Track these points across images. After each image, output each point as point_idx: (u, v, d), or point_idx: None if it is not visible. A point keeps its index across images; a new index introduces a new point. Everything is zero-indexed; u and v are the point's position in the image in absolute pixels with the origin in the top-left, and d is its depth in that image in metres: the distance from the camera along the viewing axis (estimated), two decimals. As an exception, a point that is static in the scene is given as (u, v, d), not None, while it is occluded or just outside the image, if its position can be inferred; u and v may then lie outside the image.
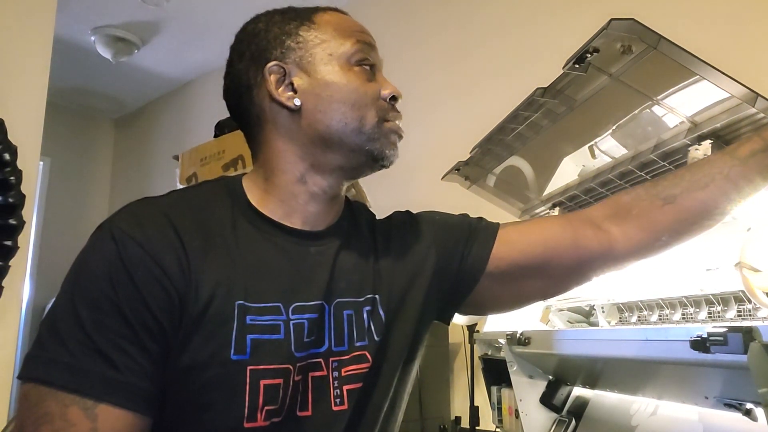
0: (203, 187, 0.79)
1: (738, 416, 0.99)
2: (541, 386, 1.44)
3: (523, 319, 1.57)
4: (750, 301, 1.03)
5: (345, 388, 0.75)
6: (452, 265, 0.86)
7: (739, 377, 0.86)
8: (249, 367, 0.67)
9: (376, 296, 0.80)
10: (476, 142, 1.45)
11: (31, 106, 2.18)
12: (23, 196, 2.03)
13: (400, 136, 0.80)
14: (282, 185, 0.77)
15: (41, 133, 2.21)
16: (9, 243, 2.00)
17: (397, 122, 0.79)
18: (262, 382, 0.68)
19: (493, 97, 2.24)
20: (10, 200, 1.99)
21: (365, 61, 0.79)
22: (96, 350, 0.63)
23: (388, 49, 3.05)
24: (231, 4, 3.01)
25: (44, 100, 2.23)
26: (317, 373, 0.74)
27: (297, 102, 0.75)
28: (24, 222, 2.04)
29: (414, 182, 2.42)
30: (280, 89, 0.76)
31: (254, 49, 0.79)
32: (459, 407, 2.09)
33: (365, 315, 0.78)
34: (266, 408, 0.68)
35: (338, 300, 0.77)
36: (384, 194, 2.37)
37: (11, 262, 2.02)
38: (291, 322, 0.72)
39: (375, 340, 0.78)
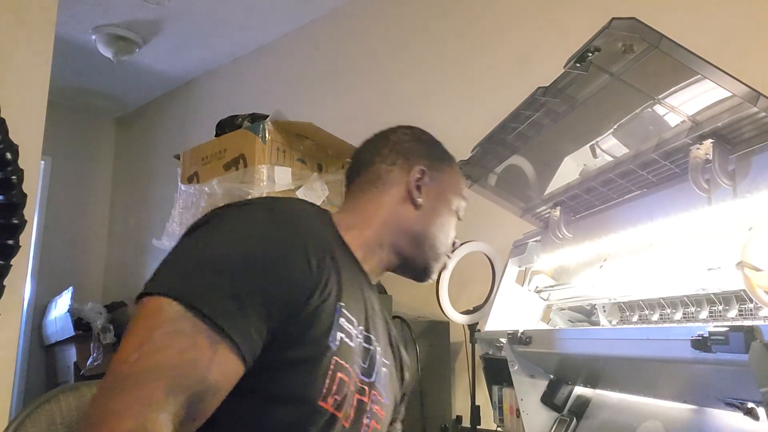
0: (306, 204, 0.96)
1: (739, 415, 0.99)
2: (542, 385, 1.44)
3: (525, 318, 1.57)
4: (751, 301, 1.03)
5: (372, 423, 0.87)
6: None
7: (741, 376, 0.86)
8: (335, 357, 0.79)
9: (391, 366, 0.97)
10: (477, 141, 1.45)
11: (32, 105, 2.18)
12: (25, 195, 2.03)
13: (444, 268, 1.08)
14: (369, 237, 0.97)
15: (42, 132, 2.21)
16: (11, 242, 2.00)
17: (445, 262, 1.05)
18: (338, 374, 0.80)
19: (495, 96, 2.24)
20: (12, 199, 1.99)
21: (461, 213, 1.07)
22: (237, 297, 0.71)
23: (389, 48, 3.06)
24: (231, 3, 3.01)
25: (45, 99, 2.23)
26: (361, 397, 0.85)
27: (420, 201, 0.99)
28: (26, 221, 2.04)
29: (415, 181, 2.42)
30: (415, 186, 0.99)
31: (414, 147, 1.04)
32: (460, 406, 2.09)
33: (386, 374, 0.94)
34: (335, 396, 0.79)
35: (379, 349, 0.92)
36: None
37: (13, 261, 2.02)
38: (358, 339, 0.86)
39: (387, 403, 0.93)
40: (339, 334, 0.81)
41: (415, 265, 1.02)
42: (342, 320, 0.82)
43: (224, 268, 0.72)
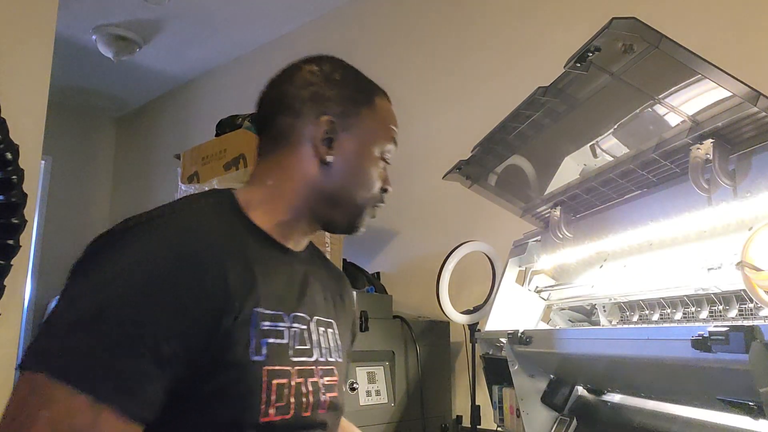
0: (202, 202, 0.83)
1: (739, 415, 0.99)
2: (542, 385, 1.44)
3: (525, 318, 1.57)
4: (751, 300, 1.02)
5: (328, 395, 0.85)
6: None
7: (741, 376, 0.86)
8: (265, 368, 0.75)
9: (334, 322, 0.94)
10: (477, 141, 1.45)
11: (32, 105, 2.18)
12: (25, 195, 2.03)
13: (373, 217, 0.93)
14: (282, 212, 0.86)
15: (43, 132, 2.21)
16: (11, 242, 2.00)
17: (376, 211, 0.93)
18: (274, 382, 0.76)
19: (495, 95, 2.24)
20: (12, 199, 1.99)
21: (387, 157, 0.92)
22: (114, 352, 0.64)
23: (389, 48, 3.05)
24: (231, 3, 3.00)
25: (46, 99, 2.23)
26: (313, 379, 0.83)
27: (330, 159, 0.86)
28: (26, 221, 2.04)
29: (415, 181, 2.42)
30: (323, 141, 0.86)
31: (321, 91, 0.88)
32: (460, 406, 2.09)
33: (330, 335, 0.91)
34: (277, 405, 0.76)
35: (317, 317, 0.89)
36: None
37: (13, 261, 2.02)
38: (291, 329, 0.82)
39: (339, 361, 0.91)
40: (264, 342, 0.76)
41: (337, 225, 0.91)
42: (264, 324, 0.77)
43: (103, 320, 0.65)
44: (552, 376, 1.44)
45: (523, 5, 2.31)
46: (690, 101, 1.10)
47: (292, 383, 0.79)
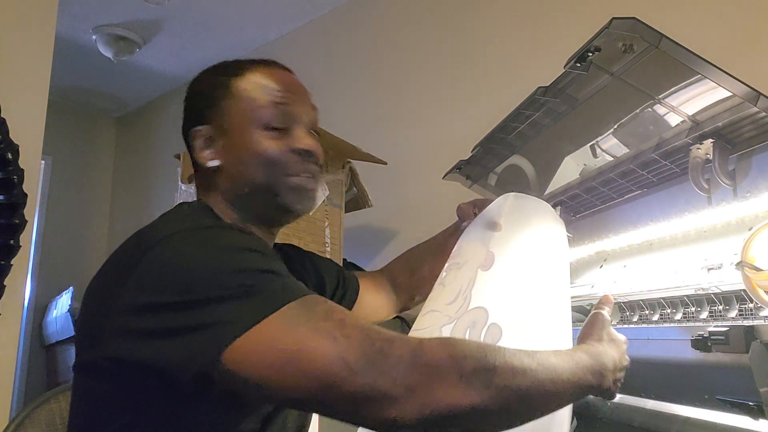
0: (205, 213, 0.86)
1: (739, 415, 0.99)
2: (542, 385, 1.44)
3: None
4: (751, 300, 1.02)
5: None
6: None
7: (741, 376, 0.86)
8: None
9: None
10: (477, 141, 1.45)
11: (32, 105, 2.18)
12: (25, 195, 2.03)
13: (308, 189, 0.88)
14: (244, 226, 0.87)
15: (43, 132, 2.21)
16: (11, 242, 2.00)
17: (304, 175, 0.87)
18: None
19: (495, 95, 2.24)
20: (12, 199, 1.99)
21: (275, 122, 0.86)
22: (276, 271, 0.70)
23: (389, 48, 3.04)
24: (231, 3, 3.00)
25: (45, 99, 2.23)
26: None
27: (213, 163, 0.85)
28: (26, 221, 2.04)
29: (415, 181, 2.42)
30: (203, 151, 0.86)
31: (188, 105, 0.91)
32: (460, 406, 2.09)
33: None
34: None
35: None
36: (386, 194, 2.37)
37: (13, 261, 2.02)
38: None
39: None
40: None
41: (275, 215, 0.89)
42: None
43: (254, 268, 0.71)
44: (552, 376, 1.44)
45: (523, 4, 2.31)
46: (690, 101, 1.10)
47: None
